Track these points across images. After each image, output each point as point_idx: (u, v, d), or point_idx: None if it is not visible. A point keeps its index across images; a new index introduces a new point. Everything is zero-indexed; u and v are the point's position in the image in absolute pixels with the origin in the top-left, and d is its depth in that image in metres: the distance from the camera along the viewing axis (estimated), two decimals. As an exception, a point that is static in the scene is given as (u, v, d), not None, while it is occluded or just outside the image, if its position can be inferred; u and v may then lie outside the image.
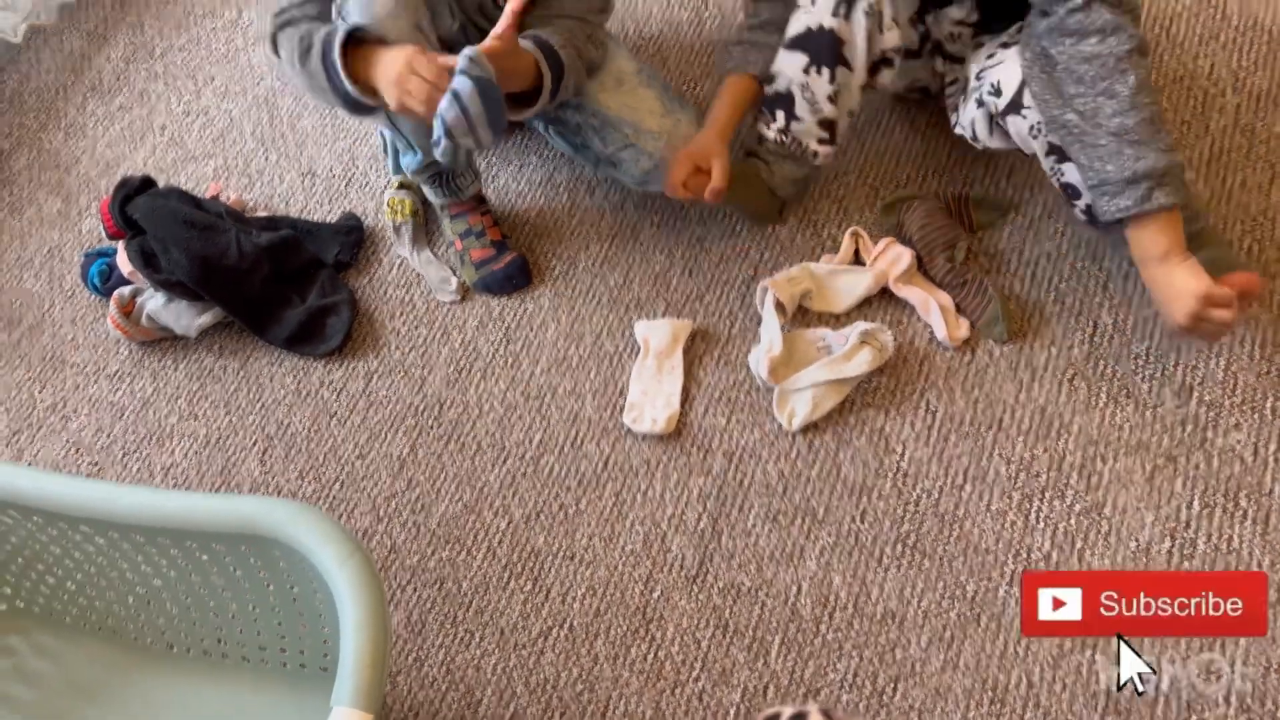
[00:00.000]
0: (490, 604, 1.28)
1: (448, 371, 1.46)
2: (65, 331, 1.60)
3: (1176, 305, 1.16)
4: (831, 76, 1.33)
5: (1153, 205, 1.14)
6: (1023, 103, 1.22)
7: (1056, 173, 1.26)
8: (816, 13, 1.31)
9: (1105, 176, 1.16)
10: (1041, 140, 1.23)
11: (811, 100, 1.36)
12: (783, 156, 1.42)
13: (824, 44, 1.31)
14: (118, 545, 1.09)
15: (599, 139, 1.43)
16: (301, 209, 1.65)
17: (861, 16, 1.29)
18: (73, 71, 1.90)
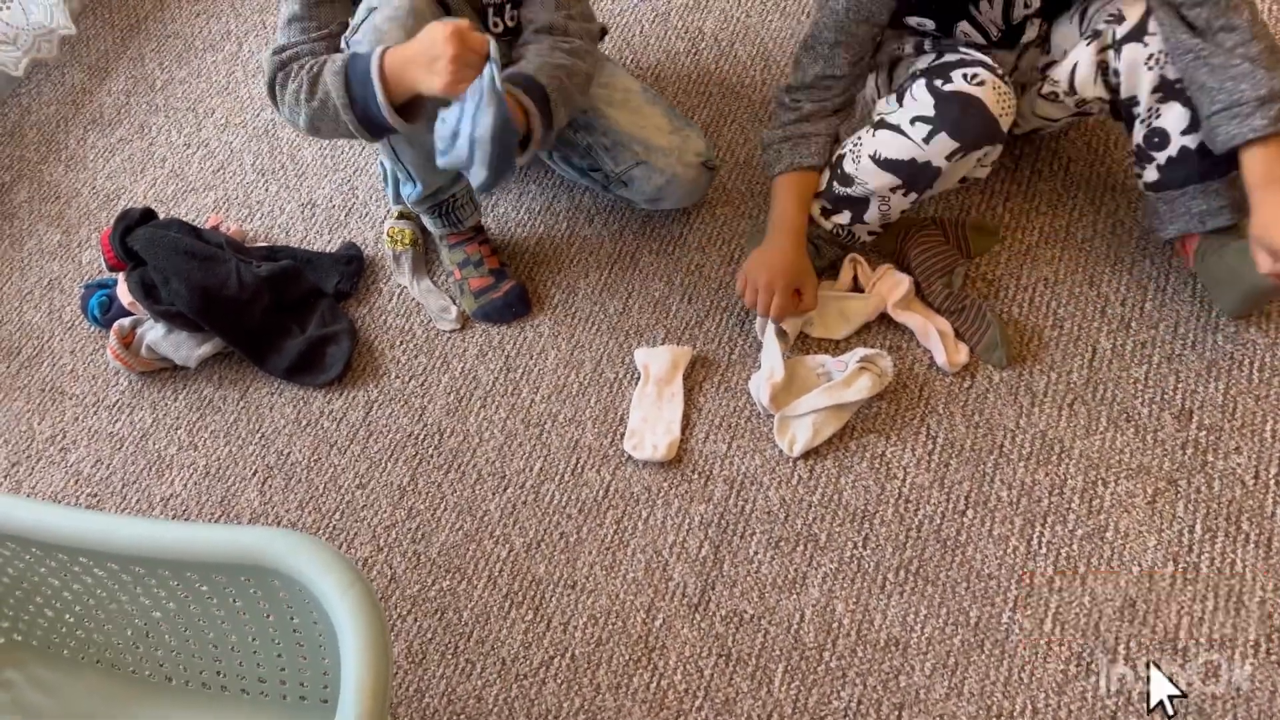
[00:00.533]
0: (491, 634, 1.28)
1: (448, 400, 1.46)
2: (65, 363, 1.60)
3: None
4: (916, 200, 1.35)
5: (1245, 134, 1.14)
6: (1147, 28, 1.21)
7: (1152, 114, 1.24)
8: (928, 152, 1.28)
9: (1238, 96, 1.15)
10: (1154, 73, 1.22)
11: (886, 211, 1.37)
12: (833, 244, 1.44)
13: (925, 177, 1.31)
14: (117, 577, 1.08)
15: (609, 158, 1.45)
16: (302, 239, 1.66)
17: (973, 160, 1.30)
18: (73, 104, 1.91)
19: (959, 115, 1.25)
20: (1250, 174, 1.18)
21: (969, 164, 1.31)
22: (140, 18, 2.02)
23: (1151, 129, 1.25)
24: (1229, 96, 1.15)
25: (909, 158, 1.29)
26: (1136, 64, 1.23)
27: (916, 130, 1.28)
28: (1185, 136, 1.22)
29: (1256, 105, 1.14)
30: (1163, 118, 1.24)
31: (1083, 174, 1.49)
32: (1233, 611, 1.17)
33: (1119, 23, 1.23)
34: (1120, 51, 1.23)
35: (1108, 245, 1.43)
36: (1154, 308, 1.37)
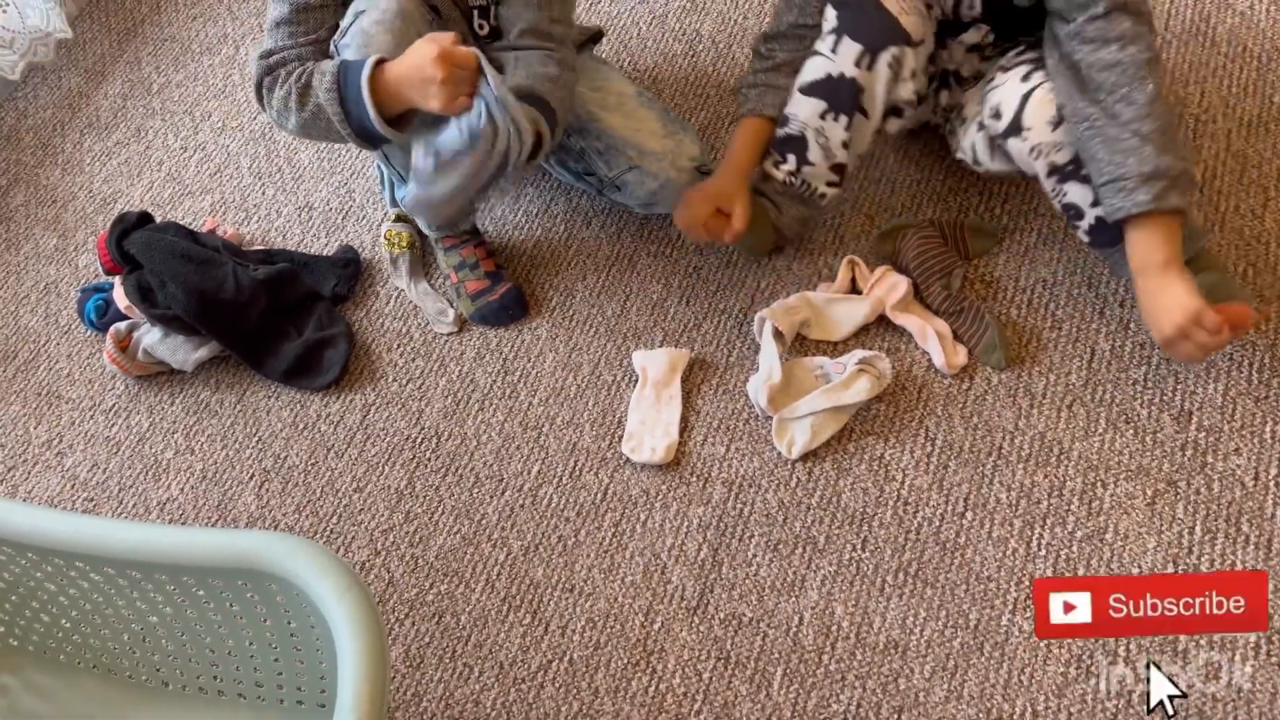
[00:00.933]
0: (489, 637, 1.27)
1: (445, 403, 1.46)
2: (61, 366, 1.59)
3: (1165, 317, 1.17)
4: (848, 124, 1.34)
5: (1167, 204, 1.15)
6: (1022, 124, 1.24)
7: (1058, 193, 1.27)
8: (839, 61, 1.30)
9: (1123, 171, 1.16)
10: (1043, 161, 1.25)
11: (825, 145, 1.36)
12: (790, 197, 1.43)
13: (844, 92, 1.31)
14: (113, 581, 1.08)
15: (603, 162, 1.44)
16: (299, 242, 1.65)
17: (884, 68, 1.29)
18: (70, 108, 1.91)
19: (856, 16, 1.28)
20: (1131, 257, 1.21)
21: (883, 74, 1.30)
22: (137, 21, 2.02)
23: (1064, 204, 1.28)
24: (1115, 169, 1.17)
25: (824, 74, 1.32)
26: (1023, 155, 1.27)
27: (825, 44, 1.31)
28: (1095, 209, 1.24)
29: (1140, 181, 1.15)
30: (1068, 195, 1.26)
31: (1081, 175, 1.49)
32: (1233, 613, 1.16)
33: (997, 118, 1.27)
34: (1006, 143, 1.27)
35: (1106, 246, 1.43)
36: (1152, 309, 1.37)
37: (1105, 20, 1.16)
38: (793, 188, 1.42)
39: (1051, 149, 1.24)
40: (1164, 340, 1.19)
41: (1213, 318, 1.15)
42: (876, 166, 1.56)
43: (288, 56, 1.26)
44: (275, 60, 1.25)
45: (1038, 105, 1.23)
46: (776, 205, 1.44)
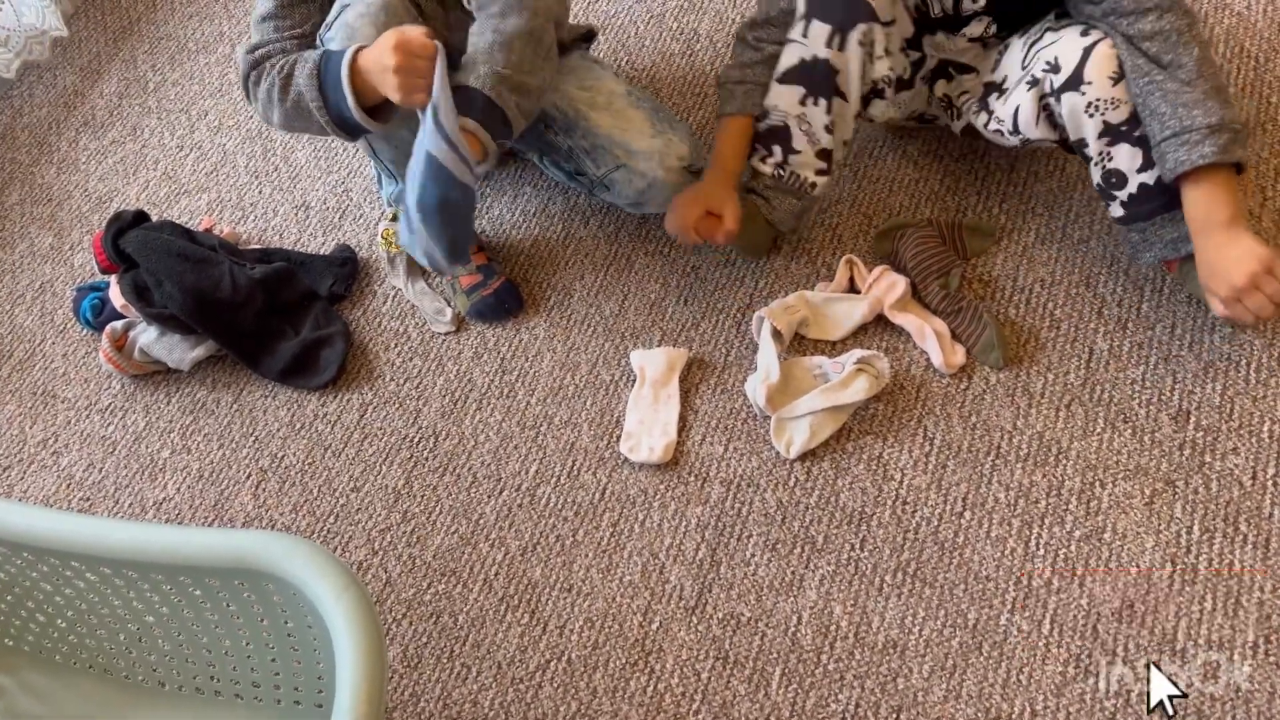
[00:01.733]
0: (487, 637, 1.27)
1: (443, 403, 1.46)
2: (57, 366, 1.59)
3: (1238, 268, 1.16)
4: (828, 107, 1.34)
5: (1232, 156, 1.15)
6: (1083, 77, 1.21)
7: (1104, 157, 1.25)
8: (810, 44, 1.31)
9: (1189, 123, 1.15)
10: (1097, 120, 1.22)
11: (809, 132, 1.36)
12: (781, 191, 1.43)
13: (819, 75, 1.32)
14: (109, 581, 1.08)
15: (591, 161, 1.44)
16: (295, 241, 1.65)
17: (856, 46, 1.30)
18: (66, 107, 1.91)
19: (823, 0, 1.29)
20: (1191, 216, 1.20)
21: (855, 53, 1.30)
22: (133, 20, 2.01)
23: (1106, 170, 1.26)
24: (1180, 122, 1.16)
25: (798, 59, 1.32)
26: (1077, 112, 1.24)
27: (797, 29, 1.32)
28: (1141, 174, 1.23)
29: (1206, 133, 1.15)
30: (1114, 160, 1.25)
31: (1079, 174, 1.49)
32: (1231, 612, 1.16)
33: (1055, 71, 1.24)
34: (1060, 100, 1.25)
35: (1104, 246, 1.43)
36: (1150, 309, 1.37)
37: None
38: (782, 180, 1.42)
39: (1109, 105, 1.21)
40: (1235, 291, 1.16)
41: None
42: (875, 166, 1.56)
43: (272, 50, 1.26)
44: (260, 54, 1.26)
45: (1101, 59, 1.21)
46: (767, 200, 1.44)
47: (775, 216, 1.44)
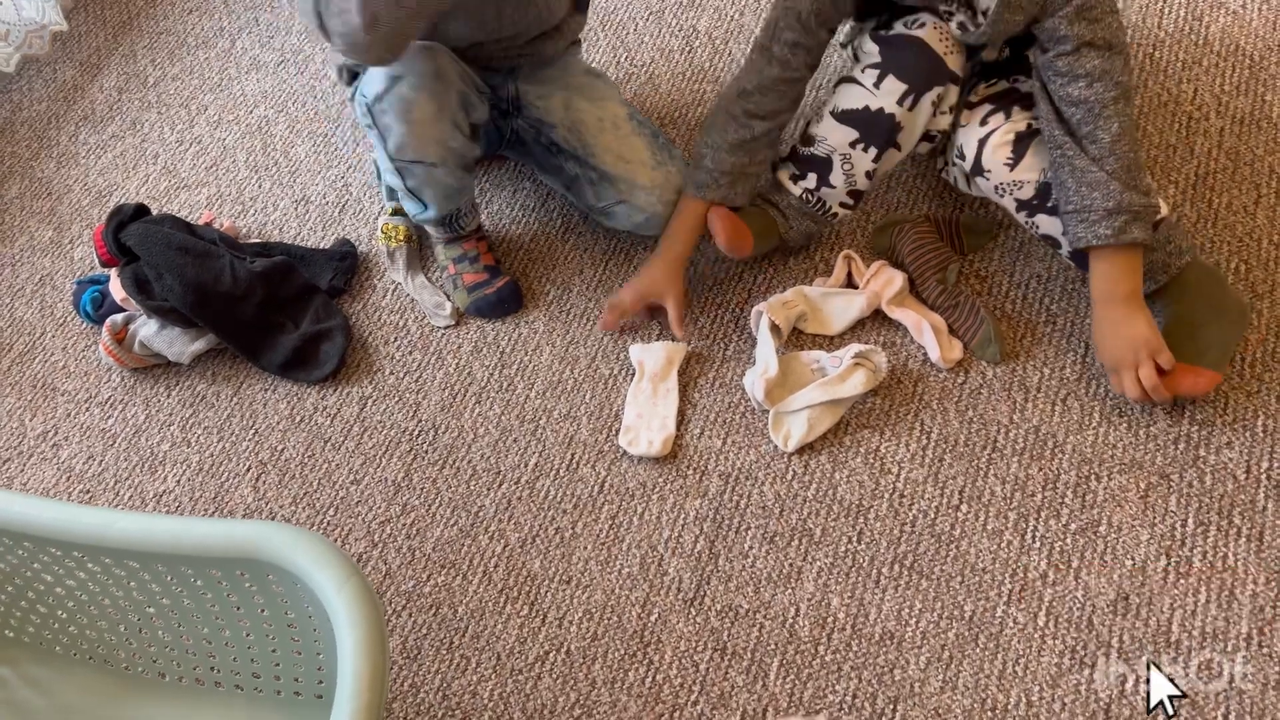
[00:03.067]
0: (486, 629, 1.28)
1: (442, 396, 1.46)
2: (57, 359, 1.59)
3: (1123, 346, 1.22)
4: (878, 155, 1.35)
5: (1127, 238, 1.19)
6: (983, 166, 1.29)
7: (1032, 226, 1.31)
8: (880, 97, 1.30)
9: (1088, 203, 1.19)
10: (1009, 199, 1.29)
11: (850, 172, 1.37)
12: (802, 214, 1.43)
13: (881, 126, 1.32)
14: (110, 572, 1.08)
15: (593, 192, 1.46)
16: (295, 235, 1.65)
17: (928, 107, 1.31)
18: (65, 101, 1.91)
19: (903, 56, 1.28)
20: (1094, 286, 1.25)
21: (924, 111, 1.31)
22: (132, 14, 2.01)
23: (1041, 236, 1.31)
24: (1081, 200, 1.20)
25: (863, 105, 1.32)
26: (991, 193, 1.31)
27: (867, 77, 1.31)
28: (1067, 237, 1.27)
29: (1103, 215, 1.19)
30: (1040, 228, 1.30)
31: (1075, 171, 1.50)
32: (1225, 605, 1.17)
33: (962, 159, 1.32)
34: (973, 184, 1.33)
35: (1100, 242, 1.44)
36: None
37: (1073, 56, 1.19)
38: (808, 205, 1.42)
39: (1013, 187, 1.28)
40: (1116, 365, 1.23)
41: (1167, 358, 1.21)
42: (872, 162, 1.56)
43: None
44: None
45: (994, 149, 1.28)
46: (786, 218, 1.43)
47: (790, 235, 1.44)
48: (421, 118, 1.30)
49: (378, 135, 1.35)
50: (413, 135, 1.32)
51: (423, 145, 1.33)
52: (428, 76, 1.28)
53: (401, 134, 1.32)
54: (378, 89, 1.29)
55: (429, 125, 1.31)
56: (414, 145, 1.33)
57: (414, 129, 1.31)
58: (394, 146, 1.34)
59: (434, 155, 1.35)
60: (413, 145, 1.33)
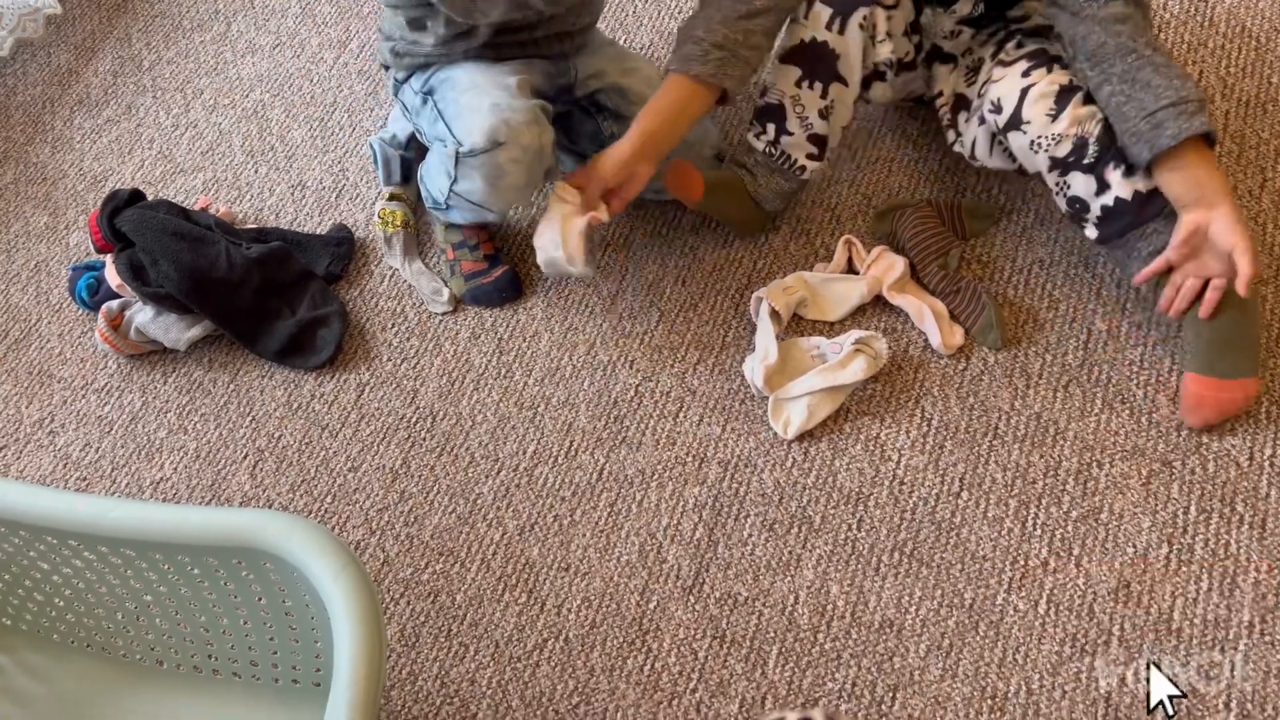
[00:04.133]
0: (485, 616, 1.27)
1: (440, 383, 1.45)
2: (52, 346, 1.58)
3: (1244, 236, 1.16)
4: (824, 91, 1.33)
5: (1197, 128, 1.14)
6: (1022, 118, 1.23)
7: (1062, 187, 1.26)
8: (810, 26, 1.31)
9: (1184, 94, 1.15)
10: (1043, 155, 1.24)
11: (802, 115, 1.35)
12: (770, 170, 1.42)
13: (818, 58, 1.31)
14: (107, 560, 1.07)
15: None
16: (292, 221, 1.64)
17: (856, 30, 1.29)
18: (59, 85, 1.89)
19: None
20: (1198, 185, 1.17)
21: (855, 34, 1.29)
22: (127, -3, 1.99)
23: (1069, 199, 1.27)
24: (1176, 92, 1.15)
25: (798, 40, 1.32)
26: (1024, 149, 1.26)
27: (800, 12, 1.31)
28: (1101, 197, 1.23)
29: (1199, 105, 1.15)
30: (1072, 188, 1.25)
31: (1078, 155, 1.49)
32: (1227, 593, 1.17)
33: (998, 112, 1.26)
34: (1007, 138, 1.27)
35: (1103, 227, 1.42)
36: (1149, 289, 1.36)
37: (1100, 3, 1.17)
38: (772, 159, 1.41)
39: (1052, 142, 1.23)
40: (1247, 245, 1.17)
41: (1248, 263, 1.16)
42: (874, 147, 1.55)
43: None
44: None
45: (1036, 99, 1.23)
46: (754, 175, 1.42)
47: (761, 194, 1.43)
48: (507, 186, 1.33)
49: (447, 170, 1.35)
50: (490, 196, 1.35)
51: (494, 203, 1.37)
52: (530, 153, 1.30)
53: (479, 189, 1.34)
54: (475, 145, 1.29)
55: (511, 192, 1.35)
56: (485, 200, 1.36)
57: (495, 192, 1.34)
58: (463, 189, 1.36)
59: (498, 209, 1.39)
60: (484, 200, 1.36)
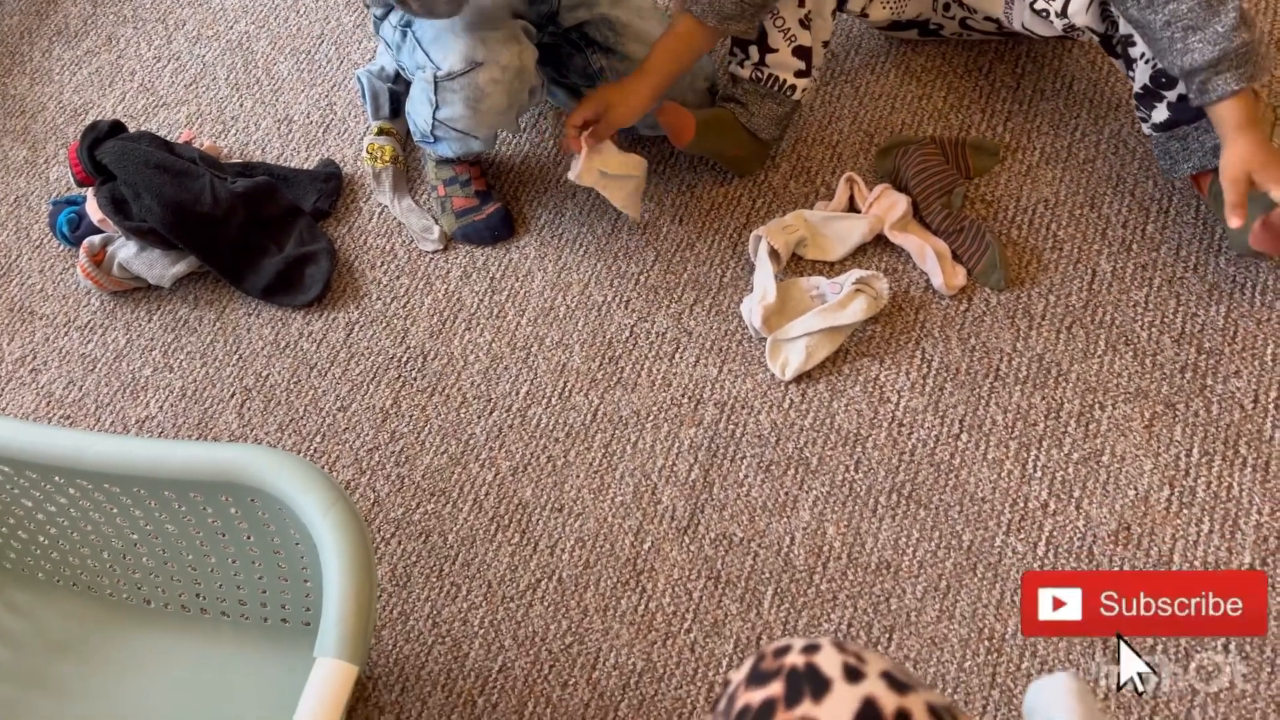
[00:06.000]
0: (477, 557, 1.26)
1: (431, 322, 1.42)
2: (34, 282, 1.54)
3: None
4: (802, 6, 1.29)
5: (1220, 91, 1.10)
6: None
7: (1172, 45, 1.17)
8: None
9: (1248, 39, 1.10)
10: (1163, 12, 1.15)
11: (783, 27, 1.32)
12: (760, 95, 1.38)
13: None
14: (90, 496, 1.05)
15: None
16: (278, 156, 1.60)
17: None
18: (37, 15, 1.83)
19: None
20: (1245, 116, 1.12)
21: None
22: (105, -76, 1.92)
23: (1158, 69, 1.20)
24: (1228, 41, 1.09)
25: None
26: None
27: None
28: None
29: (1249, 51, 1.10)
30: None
31: (1085, 93, 1.45)
32: (1228, 535, 1.16)
33: None
34: None
35: (1110, 166, 1.39)
36: (1155, 230, 1.34)
37: None
38: (760, 84, 1.37)
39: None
40: None
41: None
42: (877, 82, 1.51)
43: None
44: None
45: None
46: (745, 106, 1.38)
47: (755, 123, 1.39)
48: (489, 108, 1.29)
49: (428, 97, 1.32)
50: (473, 121, 1.32)
51: (478, 128, 1.34)
52: (510, 72, 1.27)
53: (462, 115, 1.31)
54: (452, 67, 1.26)
55: (493, 115, 1.31)
56: (469, 126, 1.33)
57: (478, 116, 1.31)
58: (445, 116, 1.32)
59: (483, 135, 1.36)
60: (468, 126, 1.33)
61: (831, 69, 1.53)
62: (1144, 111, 1.26)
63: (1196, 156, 1.23)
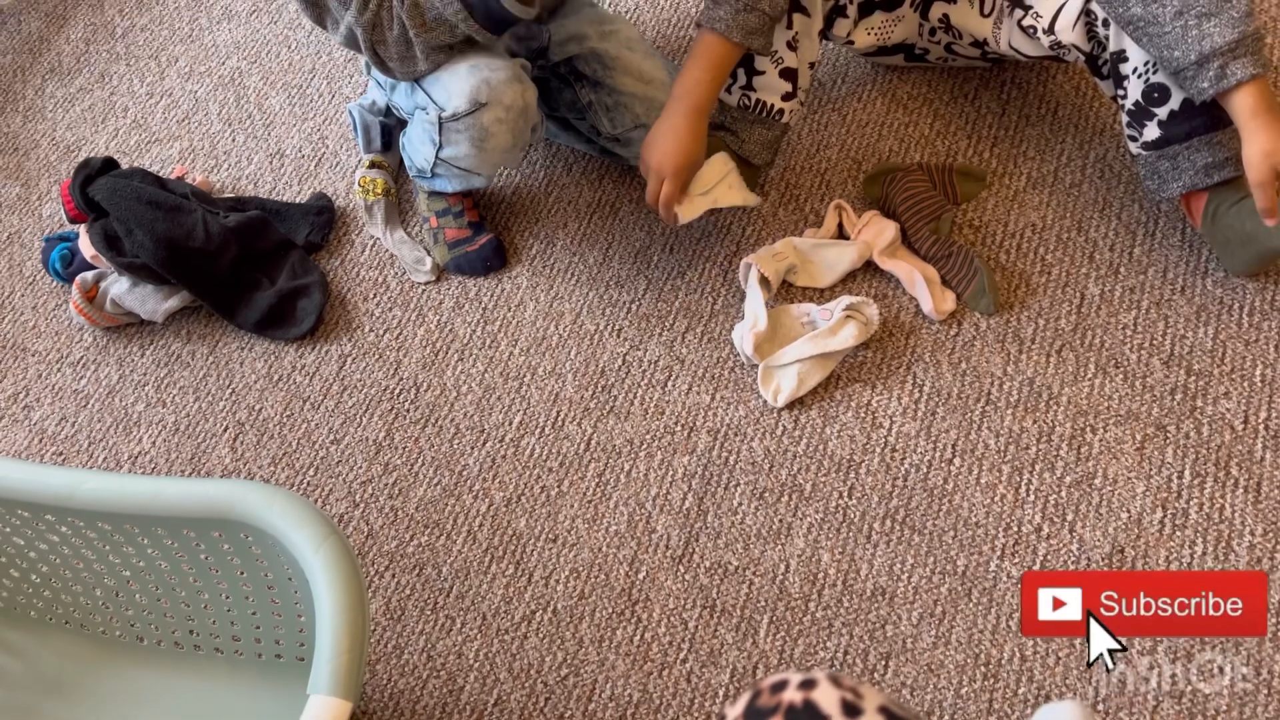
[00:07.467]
0: (471, 589, 1.25)
1: (424, 353, 1.43)
2: (26, 319, 1.55)
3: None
4: (789, 21, 1.30)
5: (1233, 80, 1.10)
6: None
7: (1149, 67, 1.20)
8: None
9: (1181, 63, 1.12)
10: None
11: (777, 57, 1.32)
12: (749, 121, 1.39)
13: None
14: (82, 534, 1.05)
15: (609, 119, 1.41)
16: (271, 190, 1.61)
17: None
18: (30, 53, 1.84)
19: None
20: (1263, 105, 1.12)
21: None
22: (98, -38, 1.94)
23: (1150, 85, 1.21)
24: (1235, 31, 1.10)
25: None
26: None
27: None
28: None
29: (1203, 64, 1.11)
30: (1160, 72, 1.19)
31: (1071, 118, 1.47)
32: (1221, 557, 1.16)
33: None
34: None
35: (1096, 190, 1.41)
36: (1143, 253, 1.35)
37: None
38: (749, 110, 1.37)
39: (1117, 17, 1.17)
40: None
41: None
42: (864, 110, 1.52)
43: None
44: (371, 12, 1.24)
45: None
46: (736, 134, 1.39)
47: (747, 150, 1.39)
48: (494, 147, 1.31)
49: (432, 138, 1.33)
50: (478, 160, 1.33)
51: (482, 166, 1.35)
52: (514, 111, 1.28)
53: (467, 154, 1.32)
54: (457, 108, 1.27)
55: (498, 154, 1.33)
56: (474, 165, 1.34)
57: (483, 155, 1.32)
58: (450, 155, 1.34)
59: (486, 173, 1.37)
60: (472, 165, 1.34)
61: (819, 97, 1.54)
62: (1134, 130, 1.26)
63: (1187, 175, 1.23)
